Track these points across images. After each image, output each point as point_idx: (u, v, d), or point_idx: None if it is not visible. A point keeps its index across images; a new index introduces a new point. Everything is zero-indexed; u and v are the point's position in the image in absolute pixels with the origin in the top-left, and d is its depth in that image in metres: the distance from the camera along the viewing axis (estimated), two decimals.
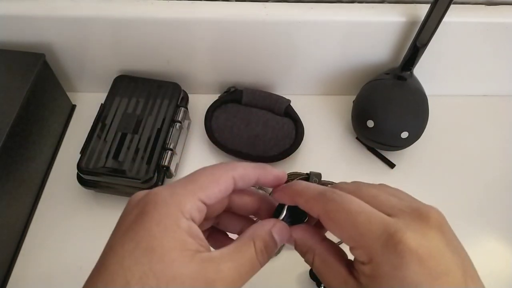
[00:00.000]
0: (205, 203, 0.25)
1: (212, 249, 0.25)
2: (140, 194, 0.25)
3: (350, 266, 0.26)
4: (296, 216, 0.29)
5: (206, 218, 0.27)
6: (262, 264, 0.26)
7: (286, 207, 0.29)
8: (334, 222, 0.25)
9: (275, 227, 0.27)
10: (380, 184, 0.28)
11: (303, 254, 0.28)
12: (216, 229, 0.32)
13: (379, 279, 0.22)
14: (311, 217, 0.29)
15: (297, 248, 0.28)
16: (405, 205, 0.24)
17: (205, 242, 0.25)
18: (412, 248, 0.21)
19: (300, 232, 0.28)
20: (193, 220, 0.24)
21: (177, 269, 0.22)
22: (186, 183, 0.25)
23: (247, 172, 0.27)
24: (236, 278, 0.24)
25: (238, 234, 0.28)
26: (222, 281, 0.23)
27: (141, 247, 0.22)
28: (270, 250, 0.26)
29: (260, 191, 0.30)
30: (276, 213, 0.29)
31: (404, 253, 0.21)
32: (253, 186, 0.29)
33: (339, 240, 0.26)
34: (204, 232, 0.30)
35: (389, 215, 0.23)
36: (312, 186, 0.27)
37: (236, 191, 0.28)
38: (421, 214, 0.23)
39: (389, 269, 0.22)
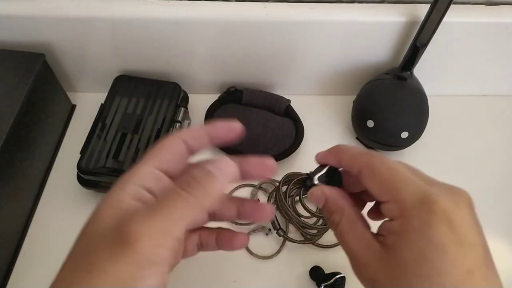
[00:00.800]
0: (162, 169, 0.26)
1: None
2: None
3: (373, 234, 0.26)
4: (332, 180, 0.30)
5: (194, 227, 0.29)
6: (191, 194, 0.23)
7: (327, 167, 0.30)
8: (375, 175, 0.25)
9: (214, 161, 0.25)
10: None
11: (330, 213, 0.28)
12: (224, 229, 0.32)
13: (407, 235, 0.22)
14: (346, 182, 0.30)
15: (326, 206, 0.28)
16: (442, 183, 0.25)
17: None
18: (445, 210, 0.22)
19: (334, 191, 0.29)
20: (148, 189, 0.25)
21: (101, 224, 0.23)
22: (142, 158, 0.27)
23: (194, 130, 0.28)
24: (149, 214, 0.22)
25: (238, 218, 0.30)
26: (134, 221, 0.22)
27: (87, 221, 0.25)
28: (203, 182, 0.24)
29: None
30: (315, 171, 0.30)
31: (437, 212, 0.22)
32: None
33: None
34: (211, 233, 0.31)
35: (426, 183, 0.25)
36: (356, 147, 0.28)
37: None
38: (456, 190, 0.24)
39: (418, 225, 0.22)
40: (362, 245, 0.25)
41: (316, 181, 0.30)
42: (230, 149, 0.52)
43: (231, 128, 0.28)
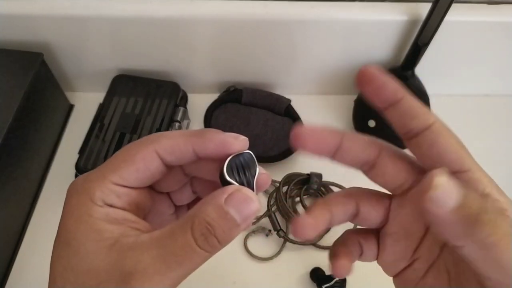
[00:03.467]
0: (124, 186, 0.22)
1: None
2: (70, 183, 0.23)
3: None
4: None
5: (174, 197, 0.25)
6: (210, 251, 0.20)
7: (227, 160, 0.22)
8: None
9: (232, 199, 0.20)
10: None
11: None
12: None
13: None
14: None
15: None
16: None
17: (140, 224, 0.21)
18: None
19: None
20: (112, 206, 0.21)
21: (92, 261, 0.20)
22: (100, 167, 0.22)
23: (175, 143, 0.22)
24: (161, 270, 0.19)
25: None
26: (141, 274, 0.19)
27: (61, 242, 0.21)
28: (222, 234, 0.20)
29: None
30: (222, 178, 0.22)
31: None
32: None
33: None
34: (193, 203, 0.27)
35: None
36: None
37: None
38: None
39: None
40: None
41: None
42: None
43: (226, 144, 0.22)
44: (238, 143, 0.22)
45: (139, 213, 0.23)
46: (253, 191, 0.22)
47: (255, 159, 0.22)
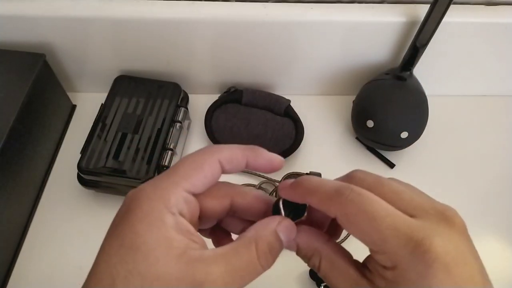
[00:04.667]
0: (192, 193, 0.24)
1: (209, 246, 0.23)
2: (132, 191, 0.24)
3: (358, 266, 0.24)
4: (295, 210, 0.26)
5: (206, 219, 0.26)
6: (265, 268, 0.23)
7: (281, 201, 0.26)
8: (355, 226, 0.23)
9: (281, 225, 0.24)
10: (390, 179, 0.26)
11: (307, 258, 0.26)
12: (219, 226, 0.30)
13: (402, 286, 0.21)
14: (311, 210, 0.27)
15: (301, 252, 0.26)
16: (428, 205, 0.23)
17: (199, 238, 0.23)
18: (439, 256, 0.20)
19: (304, 235, 0.26)
20: (181, 214, 0.23)
21: (162, 268, 0.21)
22: (169, 175, 0.24)
23: (234, 154, 0.25)
24: (228, 282, 0.22)
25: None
26: (211, 284, 0.21)
27: (125, 246, 0.21)
28: (275, 252, 0.24)
29: (265, 195, 0.28)
30: (274, 210, 0.27)
31: (433, 262, 0.20)
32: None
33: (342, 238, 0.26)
34: (205, 230, 0.29)
35: (412, 216, 0.22)
36: (326, 182, 0.25)
37: (241, 192, 0.27)
38: (446, 217, 0.22)
39: (415, 277, 0.21)
40: (351, 284, 0.24)
41: None
42: None
43: (273, 162, 0.26)
44: (280, 162, 0.27)
45: (194, 226, 0.24)
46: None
47: (306, 211, 0.26)
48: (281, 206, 0.26)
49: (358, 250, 0.25)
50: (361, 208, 0.22)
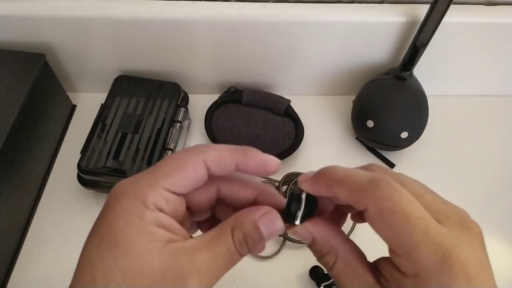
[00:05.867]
0: (173, 192, 0.23)
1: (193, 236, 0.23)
2: (114, 187, 0.24)
3: (373, 270, 0.23)
4: (310, 208, 0.24)
5: (195, 209, 0.26)
6: (242, 255, 0.23)
7: (304, 195, 0.24)
8: (386, 224, 0.21)
9: (265, 218, 0.23)
10: (400, 174, 0.24)
11: (321, 255, 0.24)
12: (216, 218, 0.29)
13: None
14: (322, 204, 0.26)
15: (315, 247, 0.24)
16: (450, 211, 0.22)
17: (181, 231, 0.23)
18: (464, 268, 0.20)
19: (323, 229, 0.24)
20: (161, 211, 0.22)
21: (145, 261, 0.20)
22: (149, 173, 0.23)
23: (222, 156, 0.24)
24: (213, 269, 0.22)
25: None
26: (197, 272, 0.21)
27: (105, 242, 0.21)
28: (252, 243, 0.23)
29: (257, 179, 0.27)
30: (290, 204, 0.24)
31: (458, 274, 0.20)
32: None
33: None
34: (204, 222, 0.29)
35: (438, 221, 0.21)
36: (355, 171, 0.23)
37: (227, 179, 0.25)
38: (467, 225, 0.22)
39: (435, 287, 0.20)
40: None
41: (298, 222, 0.24)
42: None
43: (267, 165, 0.24)
44: (276, 165, 0.25)
45: (178, 221, 0.24)
46: (296, 222, 0.24)
47: (317, 206, 0.25)
48: (303, 198, 0.24)
49: (361, 247, 0.25)
50: (398, 206, 0.21)
